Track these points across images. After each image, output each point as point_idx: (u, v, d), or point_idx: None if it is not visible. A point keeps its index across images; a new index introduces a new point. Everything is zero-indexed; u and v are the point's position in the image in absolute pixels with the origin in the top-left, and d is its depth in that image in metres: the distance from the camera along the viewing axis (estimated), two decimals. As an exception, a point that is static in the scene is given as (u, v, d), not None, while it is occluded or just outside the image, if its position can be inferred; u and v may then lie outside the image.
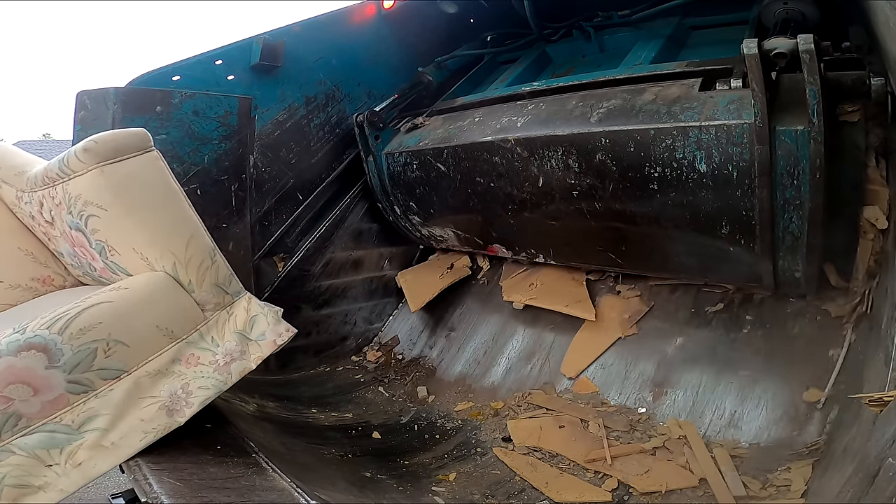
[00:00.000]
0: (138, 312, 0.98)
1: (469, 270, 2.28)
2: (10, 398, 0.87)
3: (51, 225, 1.18)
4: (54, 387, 0.91)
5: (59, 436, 0.92)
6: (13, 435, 0.89)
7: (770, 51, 1.22)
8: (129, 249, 1.04)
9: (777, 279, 1.51)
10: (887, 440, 0.69)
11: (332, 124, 2.22)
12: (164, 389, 1.00)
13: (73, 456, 0.92)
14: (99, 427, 0.94)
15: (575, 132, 1.58)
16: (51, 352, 0.90)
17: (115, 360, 0.96)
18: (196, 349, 1.04)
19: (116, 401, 0.96)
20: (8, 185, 1.28)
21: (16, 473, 0.88)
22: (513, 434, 1.66)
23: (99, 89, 1.65)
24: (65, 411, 0.93)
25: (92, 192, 1.01)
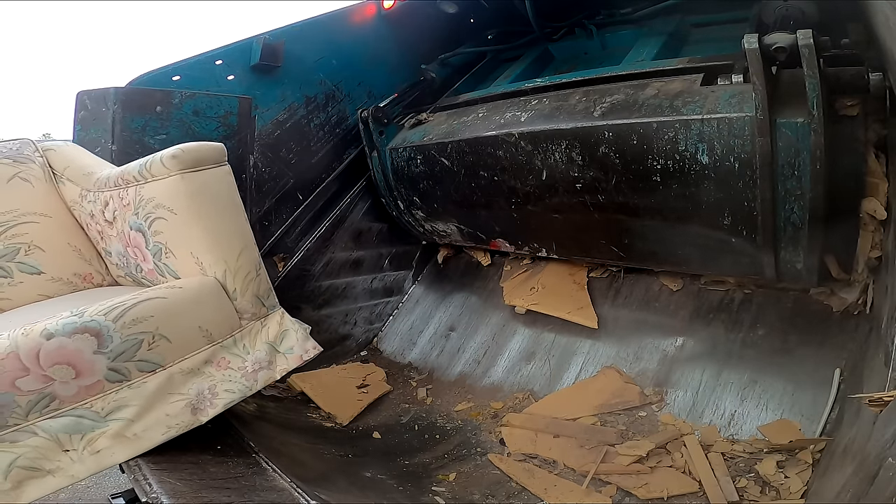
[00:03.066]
0: (186, 312, 1.04)
1: (388, 386, 2.01)
2: (51, 378, 0.91)
3: (110, 224, 1.24)
4: (95, 372, 0.95)
5: (85, 421, 0.95)
6: (40, 416, 0.92)
7: (770, 46, 1.22)
8: (186, 253, 1.10)
9: (778, 270, 1.51)
10: (887, 440, 0.69)
11: (332, 124, 2.22)
12: (192, 388, 1.04)
13: (92, 443, 0.95)
14: (125, 417, 0.97)
15: (578, 126, 1.59)
16: (102, 337, 0.94)
17: (156, 354, 1.00)
18: (228, 354, 1.09)
19: (148, 393, 0.99)
20: (72, 184, 1.36)
21: (30, 455, 0.91)
22: (508, 441, 1.66)
23: (99, 89, 1.65)
24: (97, 398, 0.96)
25: (167, 197, 1.08)
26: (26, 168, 1.36)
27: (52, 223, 1.34)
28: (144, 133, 1.67)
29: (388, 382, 2.05)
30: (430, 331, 2.27)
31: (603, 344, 1.91)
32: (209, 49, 1.86)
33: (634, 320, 1.91)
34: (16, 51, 4.52)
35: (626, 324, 1.91)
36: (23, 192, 1.33)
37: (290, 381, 1.89)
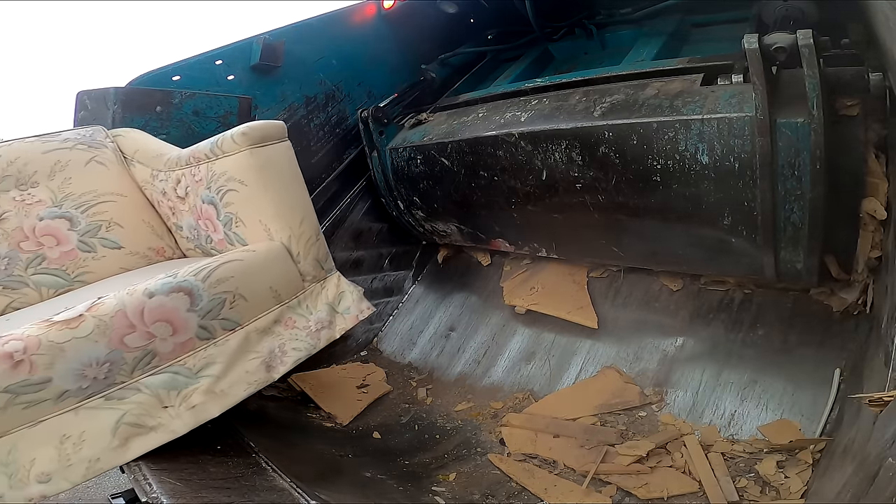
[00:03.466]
0: (259, 272, 1.14)
1: (388, 387, 2.01)
2: (153, 335, 0.99)
3: (182, 200, 1.36)
4: (188, 329, 1.03)
5: (180, 378, 1.02)
6: (144, 373, 1.00)
7: (770, 46, 1.22)
8: (255, 221, 1.22)
9: (778, 270, 1.51)
10: (887, 440, 0.69)
11: (332, 124, 2.22)
12: (265, 346, 1.12)
13: (187, 399, 1.02)
14: (213, 374, 1.05)
15: (578, 126, 1.59)
16: (194, 296, 1.04)
17: (235, 313, 1.10)
18: (294, 314, 1.18)
19: (230, 351, 1.07)
20: (142, 165, 1.48)
21: (136, 412, 0.97)
22: (508, 441, 1.66)
23: (99, 89, 1.65)
24: (189, 355, 1.04)
25: (238, 170, 1.20)
26: (100, 152, 1.47)
27: (127, 202, 1.44)
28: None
29: (388, 382, 2.05)
30: (430, 331, 2.27)
31: (603, 344, 1.91)
32: (209, 49, 1.86)
33: (634, 320, 1.91)
34: (16, 51, 4.51)
35: (626, 324, 1.91)
36: (99, 174, 1.44)
37: (291, 380, 1.90)
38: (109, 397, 0.96)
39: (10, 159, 1.37)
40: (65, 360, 0.91)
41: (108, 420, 0.95)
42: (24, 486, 0.87)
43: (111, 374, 0.96)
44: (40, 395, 0.91)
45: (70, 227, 1.35)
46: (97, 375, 0.95)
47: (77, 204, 1.38)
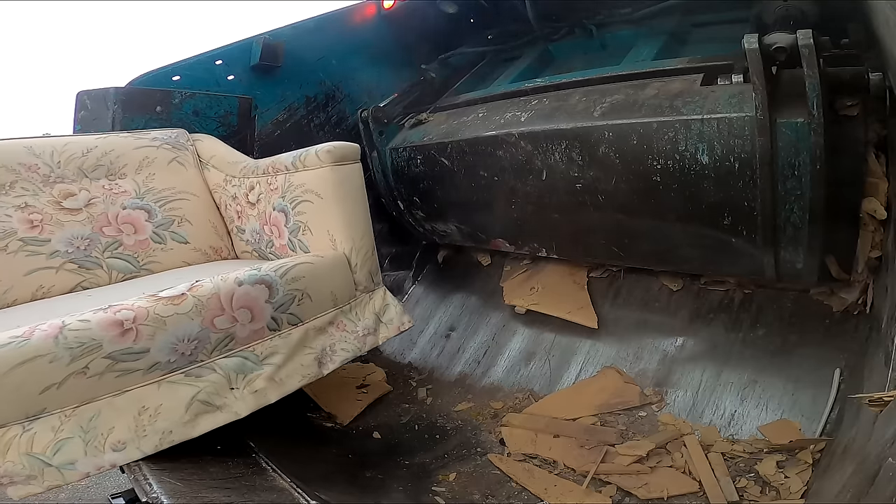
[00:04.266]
0: (324, 276, 1.26)
1: (388, 387, 2.01)
2: (236, 319, 1.09)
3: (252, 206, 1.49)
4: (263, 318, 1.14)
5: (248, 363, 1.11)
6: (220, 354, 1.08)
7: (770, 46, 1.22)
8: (323, 231, 1.33)
9: (779, 271, 1.51)
10: (887, 440, 0.69)
11: (332, 124, 2.22)
12: (319, 344, 1.22)
13: (251, 383, 1.10)
14: (275, 363, 1.13)
15: (578, 126, 1.59)
16: (273, 289, 1.15)
17: (301, 310, 1.20)
18: (346, 318, 1.29)
19: (292, 343, 1.16)
20: (217, 170, 1.61)
21: (208, 391, 1.05)
22: (508, 441, 1.66)
23: (99, 89, 1.65)
24: (258, 342, 1.13)
25: (316, 184, 1.32)
26: (182, 154, 1.59)
27: (199, 202, 1.56)
28: (144, 133, 1.67)
29: (388, 382, 2.05)
30: (430, 331, 2.27)
31: (603, 344, 1.91)
32: (209, 49, 1.86)
33: (634, 320, 1.91)
34: (16, 50, 4.51)
35: (626, 324, 1.91)
36: (179, 173, 1.56)
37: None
38: (189, 374, 1.04)
39: (105, 150, 1.49)
40: (165, 333, 1.01)
41: (185, 395, 1.03)
42: (99, 454, 0.93)
43: (196, 352, 1.05)
44: (135, 365, 0.99)
45: (148, 218, 1.48)
46: (185, 351, 1.04)
47: (157, 198, 1.51)
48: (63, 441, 0.92)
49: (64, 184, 1.42)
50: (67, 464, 0.91)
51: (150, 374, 1.01)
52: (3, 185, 1.35)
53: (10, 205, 1.33)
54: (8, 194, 1.35)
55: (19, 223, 1.32)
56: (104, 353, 0.95)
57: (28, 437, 0.90)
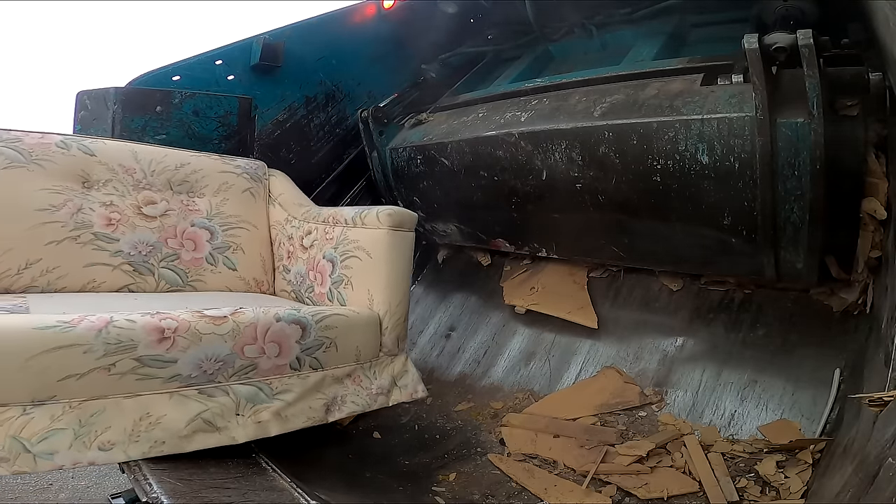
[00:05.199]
0: (355, 331, 1.29)
1: None
2: (264, 351, 1.13)
3: (304, 249, 1.55)
4: (289, 356, 1.17)
5: (261, 394, 1.13)
6: (238, 380, 1.11)
7: (770, 45, 1.22)
8: (364, 289, 1.38)
9: (779, 271, 1.51)
10: (887, 440, 0.69)
11: (332, 124, 2.22)
12: (332, 392, 1.25)
13: (257, 413, 1.12)
14: (286, 400, 1.16)
15: (578, 126, 1.59)
16: (306, 331, 1.19)
17: (325, 357, 1.23)
18: (363, 374, 1.32)
19: (307, 386, 1.20)
20: (281, 208, 1.67)
21: (215, 411, 1.07)
22: (508, 441, 1.66)
23: (99, 89, 1.65)
24: (276, 377, 1.16)
25: (369, 243, 1.38)
26: (256, 186, 1.68)
27: (256, 234, 1.63)
28: (144, 133, 1.67)
29: (388, 382, 2.05)
30: (430, 331, 2.27)
31: (603, 344, 1.91)
32: (209, 49, 1.86)
33: (634, 320, 1.91)
34: (15, 50, 4.51)
35: (626, 324, 1.91)
36: (248, 203, 1.64)
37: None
38: (203, 391, 1.07)
39: (194, 168, 1.59)
40: (197, 348, 1.04)
41: (191, 411, 1.04)
42: (83, 450, 0.94)
43: (216, 373, 1.08)
44: (158, 372, 1.01)
45: (209, 238, 1.55)
46: (207, 370, 1.07)
47: (223, 222, 1.58)
48: (54, 431, 0.92)
49: (150, 191, 1.51)
50: (46, 453, 0.91)
51: (167, 384, 1.03)
52: (98, 181, 1.44)
53: (97, 200, 1.42)
54: (99, 190, 1.44)
55: (98, 218, 1.40)
56: (135, 355, 0.98)
57: (23, 420, 0.90)
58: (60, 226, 1.35)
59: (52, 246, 1.32)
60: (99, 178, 1.45)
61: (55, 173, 1.39)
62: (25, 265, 1.29)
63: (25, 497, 1.80)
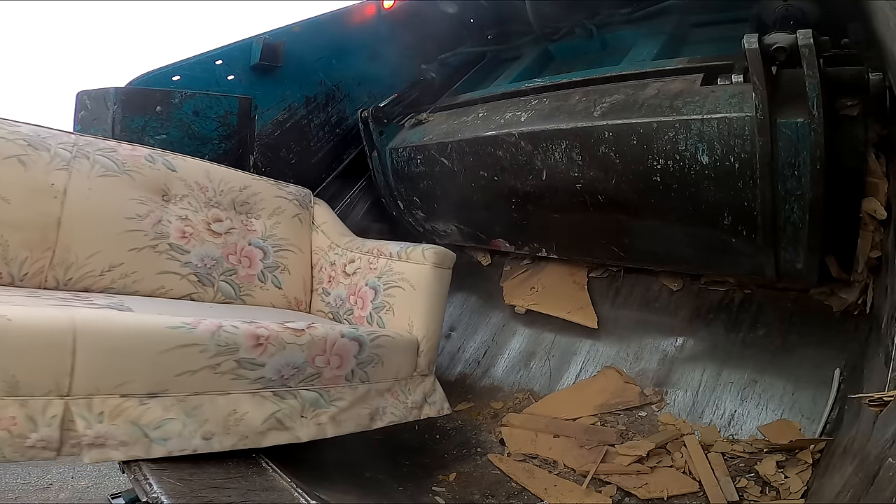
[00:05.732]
0: (398, 351, 1.44)
1: None
2: (329, 362, 1.27)
3: (346, 276, 1.70)
4: (346, 368, 1.31)
5: (322, 400, 1.26)
6: (304, 386, 1.23)
7: (770, 46, 1.22)
8: (405, 316, 1.53)
9: (779, 270, 1.51)
10: (887, 440, 0.69)
11: (332, 124, 2.22)
12: (375, 403, 1.38)
13: (318, 416, 1.25)
14: (340, 406, 1.29)
15: (578, 126, 1.59)
16: (362, 347, 1.33)
17: (373, 371, 1.38)
18: (401, 390, 1.46)
19: (356, 396, 1.33)
20: (324, 235, 1.81)
21: (286, 412, 1.19)
22: (508, 441, 1.66)
23: (99, 89, 1.65)
24: (334, 386, 1.29)
25: (414, 276, 1.54)
26: (303, 212, 1.82)
27: (301, 257, 1.77)
28: (144, 133, 1.67)
29: (388, 382, 2.05)
30: (430, 331, 2.27)
31: (603, 344, 1.91)
32: (209, 49, 1.86)
33: (634, 320, 1.91)
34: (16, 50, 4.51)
35: (626, 324, 1.91)
36: (296, 228, 1.78)
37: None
38: (277, 394, 1.19)
39: (255, 191, 1.72)
40: (281, 355, 1.17)
41: (268, 410, 1.16)
42: (190, 439, 1.05)
43: (290, 378, 1.21)
44: (249, 374, 1.14)
45: (262, 257, 1.69)
46: (285, 375, 1.19)
47: (274, 243, 1.72)
48: (167, 420, 1.03)
49: (218, 209, 1.64)
50: (161, 439, 1.02)
51: (252, 385, 1.15)
52: (176, 195, 1.56)
53: (174, 213, 1.54)
54: (176, 204, 1.56)
55: (175, 230, 1.52)
56: (236, 357, 1.11)
57: (142, 410, 1.01)
58: (143, 234, 1.46)
59: (134, 252, 1.44)
60: (177, 193, 1.57)
61: (142, 184, 1.50)
62: (109, 268, 1.39)
63: (25, 497, 1.80)
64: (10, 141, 1.34)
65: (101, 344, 0.97)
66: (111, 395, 0.98)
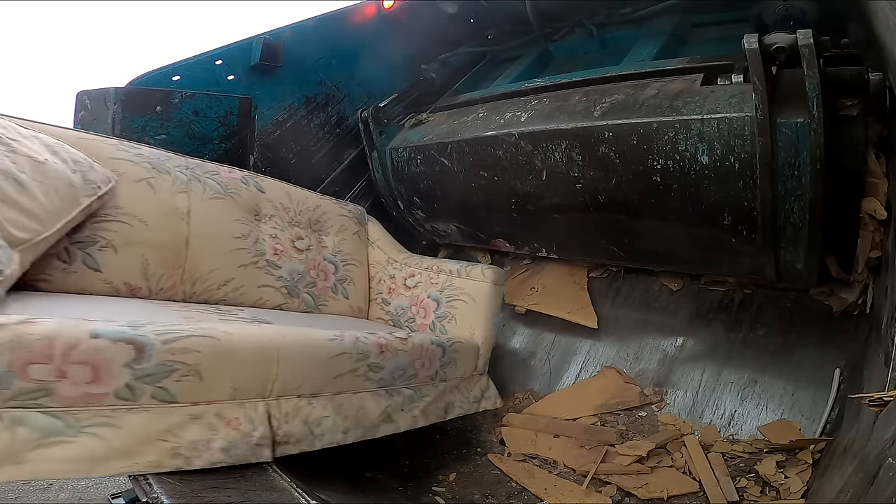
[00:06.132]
0: (466, 353, 1.65)
1: None
2: (423, 364, 1.47)
3: (407, 288, 1.89)
4: (432, 369, 1.51)
5: (415, 395, 1.45)
6: (405, 384, 1.42)
7: (770, 46, 1.22)
8: (467, 324, 1.73)
9: (779, 270, 1.51)
10: (887, 440, 0.69)
11: (332, 124, 2.22)
12: (448, 398, 1.57)
13: (413, 409, 1.43)
14: (427, 401, 1.48)
15: (578, 126, 1.59)
16: (445, 351, 1.53)
17: (448, 371, 1.56)
18: (465, 386, 1.65)
19: (437, 392, 1.51)
20: (381, 251, 2.00)
21: (393, 407, 1.37)
22: (508, 441, 1.66)
23: (99, 89, 1.65)
24: (423, 384, 1.48)
25: (474, 291, 1.76)
26: (361, 229, 1.98)
27: (362, 270, 1.94)
28: (144, 133, 1.67)
29: (388, 382, 2.05)
30: (430, 331, 2.27)
31: (603, 344, 1.91)
32: (209, 49, 1.85)
33: (634, 320, 1.91)
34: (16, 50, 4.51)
35: (626, 324, 1.91)
36: (357, 244, 1.95)
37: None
38: (388, 391, 1.37)
39: (324, 210, 1.88)
40: (395, 359, 1.36)
41: (382, 406, 1.33)
42: (335, 433, 1.22)
43: (398, 379, 1.39)
44: (374, 375, 1.31)
45: (334, 271, 1.85)
46: (396, 375, 1.37)
47: (343, 258, 1.88)
48: (324, 418, 1.20)
49: (298, 228, 1.79)
50: (320, 435, 1.18)
51: (374, 384, 1.33)
52: (266, 215, 1.70)
53: (266, 232, 1.68)
54: (267, 223, 1.70)
55: (269, 248, 1.67)
56: (368, 362, 1.29)
57: (309, 409, 1.18)
58: (247, 252, 1.61)
59: (242, 268, 1.59)
60: (266, 213, 1.71)
61: (241, 206, 1.64)
62: (224, 282, 1.54)
63: (25, 497, 1.80)
64: (137, 164, 1.44)
65: (295, 354, 1.15)
66: (292, 396, 1.16)
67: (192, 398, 1.00)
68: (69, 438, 0.88)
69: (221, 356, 1.03)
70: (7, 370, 0.82)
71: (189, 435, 1.00)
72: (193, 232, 1.47)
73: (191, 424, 1.00)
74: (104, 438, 0.91)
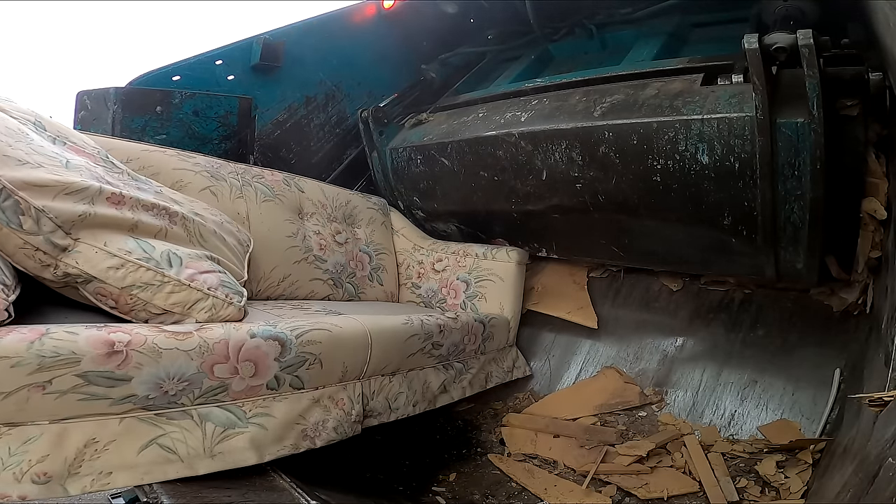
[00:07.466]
0: (500, 327, 1.79)
1: None
2: (470, 339, 1.64)
3: (436, 272, 2.03)
4: (476, 343, 1.67)
5: (464, 368, 1.64)
6: (456, 359, 1.60)
7: (770, 45, 1.22)
8: (496, 302, 1.87)
9: (779, 270, 1.51)
10: (887, 440, 0.69)
11: (332, 124, 2.22)
12: (488, 368, 1.72)
13: (461, 381, 1.61)
14: (473, 373, 1.65)
15: (578, 126, 1.59)
16: (485, 328, 1.69)
17: (487, 345, 1.72)
18: (499, 357, 1.81)
19: (479, 364, 1.68)
20: (405, 238, 2.13)
21: (448, 380, 1.55)
22: (508, 441, 1.66)
23: (99, 89, 1.65)
24: (469, 358, 1.66)
25: (502, 271, 1.89)
26: (386, 219, 2.12)
27: (390, 258, 2.07)
28: (144, 133, 1.67)
29: (388, 382, 2.05)
30: (430, 331, 2.27)
31: (603, 344, 1.91)
32: (209, 49, 1.85)
33: (634, 320, 1.91)
34: (16, 50, 4.52)
35: (626, 324, 1.91)
36: (384, 233, 2.08)
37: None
38: (445, 366, 1.55)
39: (354, 205, 2.00)
40: (450, 338, 1.53)
41: (441, 378, 1.52)
42: (406, 406, 1.38)
43: (451, 355, 1.55)
44: (435, 352, 1.48)
45: (369, 261, 1.97)
46: (450, 351, 1.54)
47: (374, 248, 2.01)
48: (399, 394, 1.36)
49: (336, 223, 1.91)
50: (396, 409, 1.34)
51: (435, 361, 1.49)
52: (308, 213, 1.82)
53: (310, 229, 1.80)
54: (310, 220, 1.81)
55: (314, 244, 1.78)
56: (432, 341, 1.44)
57: (389, 386, 1.34)
58: (298, 249, 1.71)
59: (296, 265, 1.69)
60: (308, 211, 1.82)
61: (288, 206, 1.75)
62: (282, 278, 1.64)
63: (25, 497, 1.79)
64: (197, 174, 1.55)
65: (381, 339, 1.28)
66: (378, 376, 1.31)
67: (314, 384, 1.15)
68: (242, 429, 1.02)
69: (335, 344, 1.17)
70: (198, 371, 0.96)
71: (313, 417, 1.13)
72: (253, 234, 1.56)
73: (314, 408, 1.14)
74: (264, 427, 1.05)
